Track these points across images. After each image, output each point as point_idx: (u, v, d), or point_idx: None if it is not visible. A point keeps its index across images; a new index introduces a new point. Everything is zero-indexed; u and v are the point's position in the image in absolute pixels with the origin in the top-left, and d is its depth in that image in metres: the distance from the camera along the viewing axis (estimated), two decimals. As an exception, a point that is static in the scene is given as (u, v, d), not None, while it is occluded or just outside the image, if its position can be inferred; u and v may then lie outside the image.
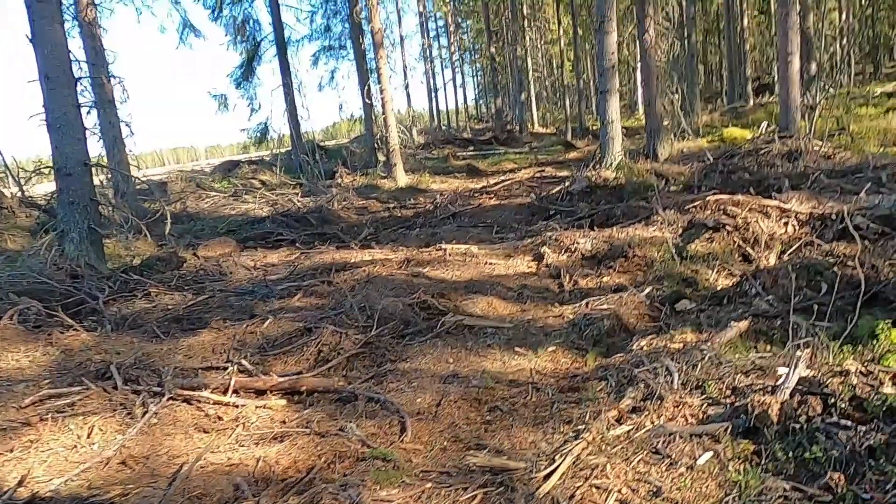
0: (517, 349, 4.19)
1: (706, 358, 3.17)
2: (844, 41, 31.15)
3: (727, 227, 5.64)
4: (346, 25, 21.61)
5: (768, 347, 3.40)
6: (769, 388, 2.78)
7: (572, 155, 19.18)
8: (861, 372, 2.70)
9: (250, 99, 21.80)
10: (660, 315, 4.53)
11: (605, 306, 4.63)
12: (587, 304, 4.91)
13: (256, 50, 21.60)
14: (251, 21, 21.25)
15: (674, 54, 13.27)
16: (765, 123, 14.54)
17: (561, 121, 32.33)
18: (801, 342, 3.21)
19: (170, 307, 6.52)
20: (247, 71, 21.54)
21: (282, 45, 20.13)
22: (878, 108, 16.16)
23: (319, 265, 7.53)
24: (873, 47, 38.92)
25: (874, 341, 3.05)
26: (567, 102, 27.94)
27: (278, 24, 20.17)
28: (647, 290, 4.98)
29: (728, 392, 2.91)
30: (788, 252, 5.23)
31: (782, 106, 10.93)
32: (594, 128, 27.52)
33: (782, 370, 2.90)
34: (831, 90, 18.23)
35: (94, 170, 8.99)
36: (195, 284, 7.39)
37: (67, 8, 12.30)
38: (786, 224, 5.82)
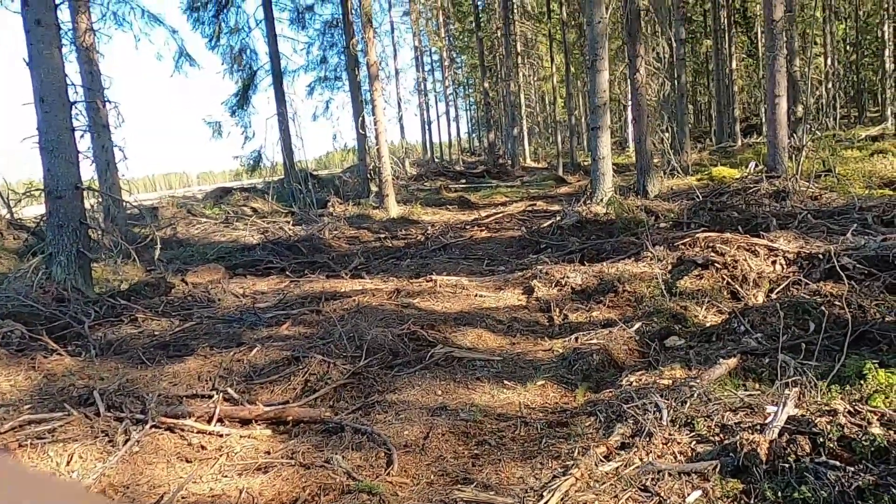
0: (506, 382, 4.16)
1: (695, 395, 3.17)
2: (830, 85, 31.91)
3: (716, 265, 5.68)
4: (342, 57, 21.92)
5: (757, 385, 3.40)
6: (758, 427, 2.78)
7: (563, 189, 19.37)
8: (849, 412, 2.70)
9: (245, 127, 21.97)
10: (649, 351, 4.53)
11: (594, 341, 4.62)
12: (577, 338, 4.91)
13: (252, 79, 21.84)
14: (248, 50, 21.54)
15: (664, 93, 13.51)
16: (753, 163, 14.78)
17: (553, 156, 32.69)
18: (789, 381, 3.22)
19: (156, 333, 6.46)
20: (242, 99, 21.73)
21: (278, 75, 20.35)
22: (862, 152, 16.48)
23: (309, 294, 7.50)
24: (858, 92, 39.94)
25: (862, 381, 3.06)
26: (559, 138, 28.33)
27: (275, 55, 20.42)
28: (637, 325, 4.99)
29: (717, 430, 2.90)
30: (776, 290, 5.26)
31: (770, 146, 11.13)
32: (585, 163, 27.84)
33: (771, 409, 2.90)
34: (818, 132, 18.58)
35: (85, 193, 8.98)
36: (183, 311, 7.33)
37: (66, 33, 12.41)
38: (774, 263, 5.87)
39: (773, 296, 5.17)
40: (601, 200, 10.64)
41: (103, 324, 6.88)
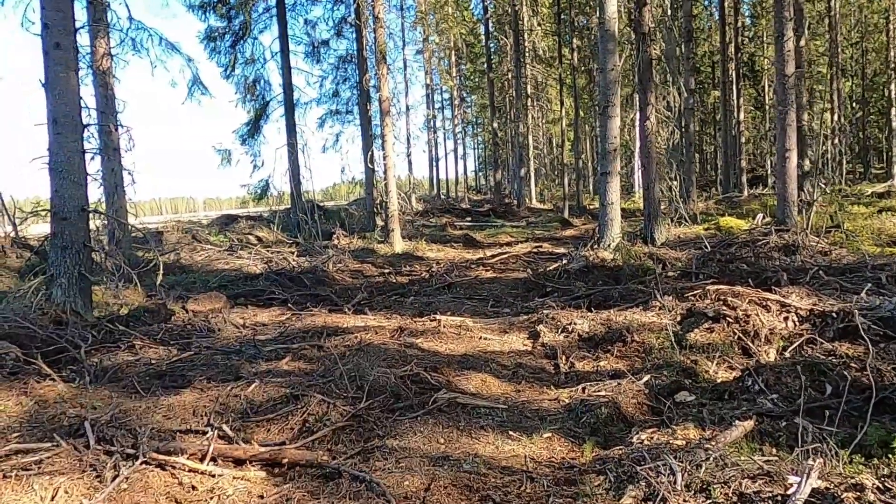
0: (511, 433, 4.02)
1: (711, 458, 3.03)
2: (836, 140, 32.17)
3: (728, 318, 5.56)
4: (355, 92, 22.18)
5: (774, 450, 3.26)
6: (779, 498, 2.64)
7: (569, 232, 19.34)
8: (878, 488, 2.57)
9: (254, 156, 22.13)
10: (659, 405, 4.39)
11: (602, 393, 4.49)
12: (584, 388, 4.77)
13: (265, 109, 22.07)
14: (262, 81, 21.82)
15: (674, 142, 13.57)
16: (760, 215, 14.77)
17: (559, 198, 32.84)
18: (809, 448, 3.08)
19: (153, 361, 6.33)
20: (253, 128, 21.93)
21: (290, 107, 20.57)
22: (869, 208, 16.46)
23: (310, 328, 7.38)
24: (863, 149, 40.29)
25: (890, 455, 2.92)
26: (566, 180, 28.44)
27: (288, 86, 20.67)
28: (646, 378, 4.85)
29: (735, 498, 2.76)
30: (789, 349, 5.13)
31: (779, 199, 11.09)
32: (591, 207, 27.91)
33: (793, 479, 2.76)
34: (825, 188, 18.62)
35: (91, 215, 8.94)
36: (181, 339, 7.21)
37: (83, 56, 12.55)
38: (786, 319, 5.74)
39: (787, 354, 5.04)
40: (609, 246, 10.57)
41: (100, 349, 6.77)
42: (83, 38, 12.53)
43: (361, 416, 4.23)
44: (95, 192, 12.51)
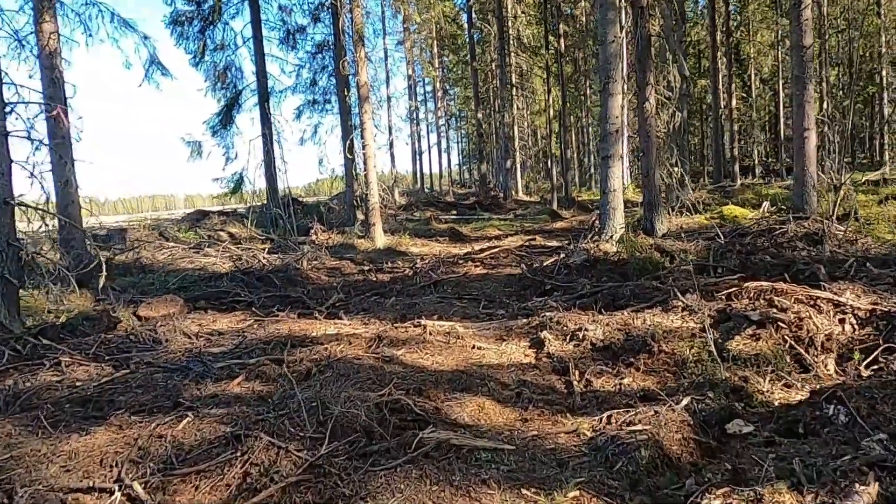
0: (524, 490, 2.97)
1: (839, 552, 2.02)
2: (827, 129, 31.47)
3: (780, 322, 4.56)
4: (333, 80, 21.04)
5: (912, 527, 2.27)
6: None
7: (559, 224, 18.41)
8: None
9: (227, 148, 20.96)
10: (710, 440, 3.39)
11: (638, 427, 3.45)
12: (609, 417, 3.75)
13: (237, 98, 20.88)
14: (233, 68, 20.63)
15: (674, 125, 12.59)
16: (766, 203, 13.88)
17: (545, 190, 31.91)
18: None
19: (79, 383, 5.24)
20: (225, 118, 20.73)
21: (264, 95, 19.41)
22: (869, 196, 15.72)
23: (274, 337, 6.30)
24: (849, 138, 39.81)
25: None
26: (553, 172, 27.48)
27: (262, 74, 19.51)
28: (685, 401, 3.84)
29: None
30: (865, 361, 4.14)
31: (797, 184, 10.12)
32: (579, 198, 26.99)
33: None
34: (847, 175, 17.75)
35: (42, 214, 7.79)
36: (120, 354, 6.10)
37: (26, 37, 11.33)
38: (841, 322, 4.77)
39: (861, 368, 4.05)
40: (611, 238, 9.56)
41: (20, 368, 5.67)
42: (23, 18, 11.31)
43: (322, 466, 3.17)
44: (47, 186, 11.29)
